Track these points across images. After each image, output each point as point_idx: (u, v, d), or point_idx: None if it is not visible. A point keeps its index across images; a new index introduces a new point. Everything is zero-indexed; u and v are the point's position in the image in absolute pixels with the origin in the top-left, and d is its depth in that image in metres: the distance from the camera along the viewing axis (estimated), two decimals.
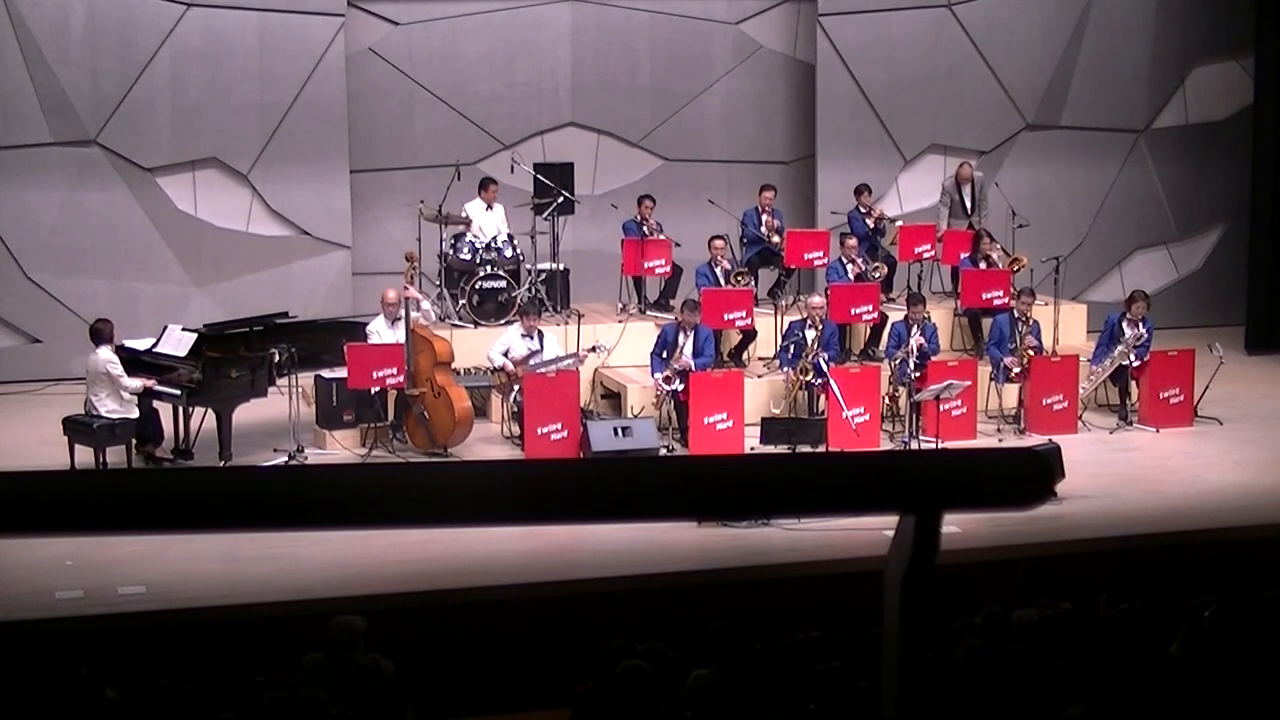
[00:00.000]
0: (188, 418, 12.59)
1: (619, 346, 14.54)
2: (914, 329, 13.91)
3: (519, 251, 14.94)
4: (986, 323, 14.92)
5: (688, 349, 13.48)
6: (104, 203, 16.03)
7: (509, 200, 15.49)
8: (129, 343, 12.78)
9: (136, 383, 12.21)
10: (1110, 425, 14.16)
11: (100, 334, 12.29)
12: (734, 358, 14.75)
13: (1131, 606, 7.82)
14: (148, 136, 16.05)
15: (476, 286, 14.66)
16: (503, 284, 14.70)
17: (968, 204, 16.57)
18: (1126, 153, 18.63)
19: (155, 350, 12.75)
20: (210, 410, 12.60)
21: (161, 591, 9.87)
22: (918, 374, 13.50)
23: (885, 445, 13.36)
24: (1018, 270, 15.34)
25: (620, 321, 15.07)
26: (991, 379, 14.19)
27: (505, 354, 13.47)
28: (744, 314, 14.56)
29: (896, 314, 15.01)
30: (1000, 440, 13.71)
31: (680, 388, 13.30)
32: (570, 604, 9.93)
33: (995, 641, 7.48)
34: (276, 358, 12.71)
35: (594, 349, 13.65)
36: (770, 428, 12.41)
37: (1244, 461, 13.08)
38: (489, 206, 15.28)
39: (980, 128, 18.11)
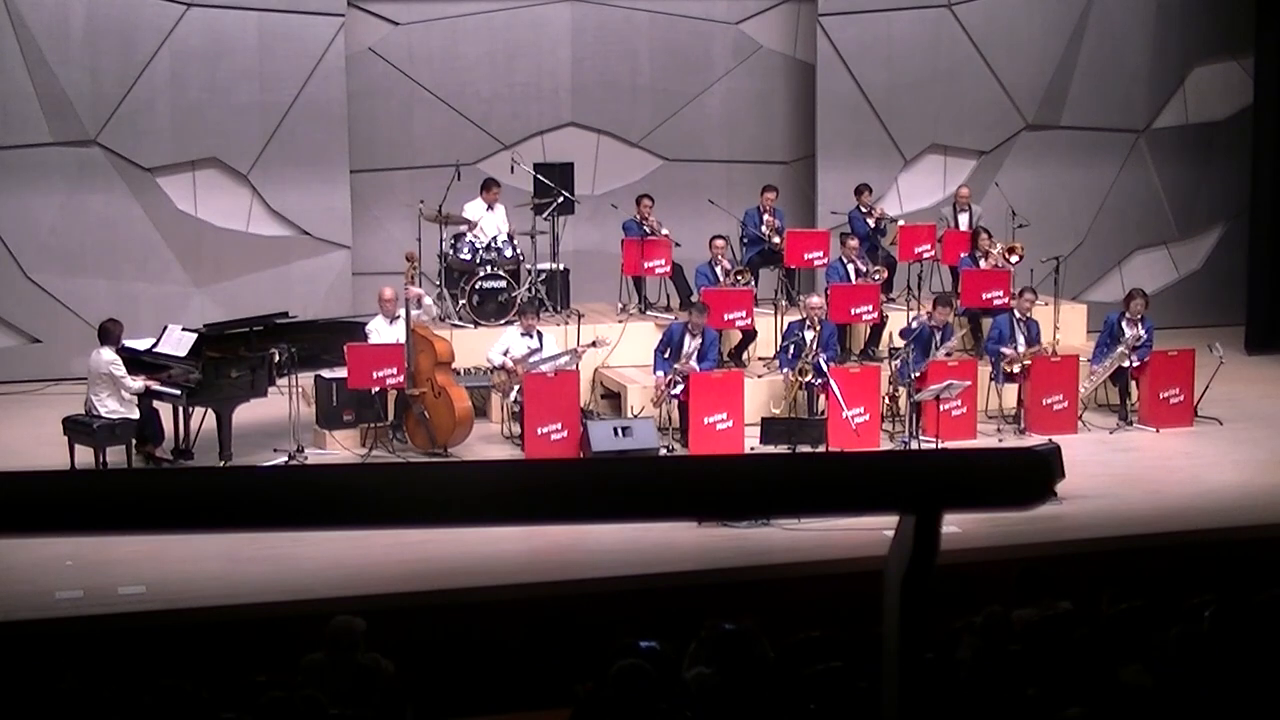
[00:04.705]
0: (188, 418, 12.59)
1: (619, 346, 14.54)
2: (936, 331, 13.95)
3: (519, 251, 14.94)
4: (986, 323, 14.92)
5: (693, 351, 13.46)
6: (104, 203, 16.03)
7: (509, 200, 15.49)
8: (129, 343, 12.77)
9: (138, 383, 12.21)
10: (1110, 425, 14.16)
11: (109, 334, 12.30)
12: (734, 358, 14.75)
13: (1132, 606, 7.81)
14: (148, 136, 16.05)
15: (476, 286, 14.65)
16: (503, 284, 14.70)
17: (963, 229, 16.44)
18: (1126, 153, 18.63)
19: (155, 350, 12.75)
20: (210, 410, 12.59)
21: (161, 591, 9.87)
22: (917, 374, 13.49)
23: (885, 445, 13.36)
24: (1018, 262, 15.36)
25: (620, 321, 15.06)
26: (991, 379, 14.19)
27: (505, 354, 13.48)
28: (744, 314, 14.56)
29: (897, 314, 15.02)
30: (1000, 440, 13.71)
31: (681, 389, 13.30)
32: (570, 604, 9.93)
33: (995, 641, 7.48)
34: (276, 358, 12.71)
35: (594, 343, 13.65)
36: (770, 428, 12.41)
37: (1244, 461, 13.08)
38: (490, 207, 15.28)
39: (980, 128, 18.11)
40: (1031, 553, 10.29)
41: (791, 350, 13.81)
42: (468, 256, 14.75)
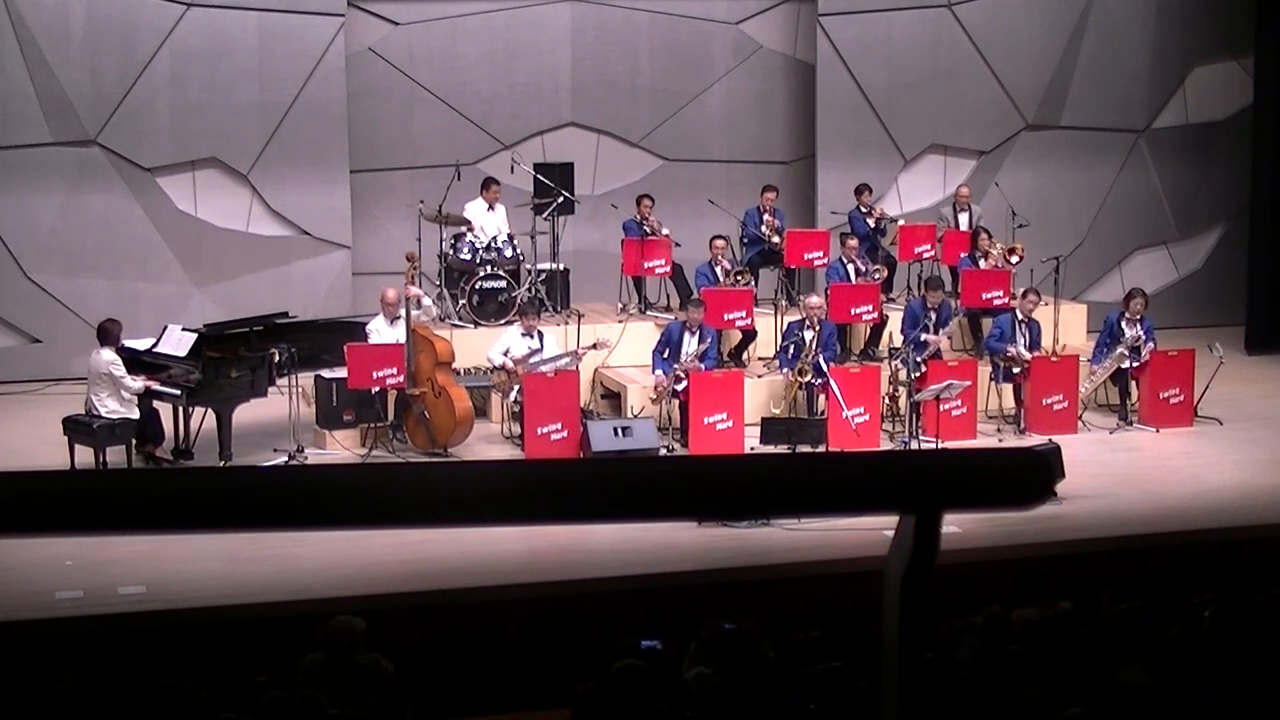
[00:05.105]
0: (188, 418, 12.59)
1: (619, 346, 14.54)
2: (931, 313, 14.07)
3: (519, 251, 14.94)
4: (986, 323, 14.92)
5: (693, 349, 13.44)
6: (104, 203, 16.03)
7: (509, 200, 15.49)
8: (129, 343, 12.77)
9: (138, 384, 12.22)
10: (1110, 425, 14.16)
11: (108, 334, 12.30)
12: (734, 358, 14.74)
13: (1132, 606, 7.82)
14: (148, 136, 16.05)
15: (477, 286, 14.65)
16: (503, 284, 14.69)
17: (963, 229, 16.43)
18: (1126, 153, 18.63)
19: (155, 350, 12.75)
20: (210, 410, 12.59)
21: (161, 591, 9.87)
22: (918, 374, 13.49)
23: (885, 445, 13.35)
24: (1018, 263, 15.36)
25: (620, 321, 15.06)
26: (991, 379, 14.19)
27: (505, 354, 13.48)
28: (744, 314, 14.56)
29: (896, 314, 15.02)
30: (1000, 440, 13.71)
31: (683, 387, 13.31)
32: (570, 604, 9.93)
33: (995, 641, 7.48)
34: (276, 358, 12.71)
35: (595, 345, 13.65)
36: (770, 428, 12.41)
37: (1244, 461, 13.08)
38: (490, 207, 15.27)
39: (980, 128, 18.10)
40: (1031, 553, 10.29)
41: (791, 350, 13.81)
42: (468, 256, 14.75)
